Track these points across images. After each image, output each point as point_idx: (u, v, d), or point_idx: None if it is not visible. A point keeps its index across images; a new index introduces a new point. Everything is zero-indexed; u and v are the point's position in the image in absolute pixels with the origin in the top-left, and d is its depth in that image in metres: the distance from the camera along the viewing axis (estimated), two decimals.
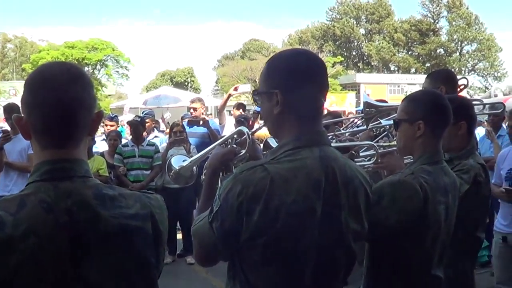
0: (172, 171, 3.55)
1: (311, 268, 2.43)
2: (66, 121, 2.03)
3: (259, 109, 2.76)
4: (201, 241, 2.52)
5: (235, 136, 3.40)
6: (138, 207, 2.08)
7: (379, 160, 4.17)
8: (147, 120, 11.91)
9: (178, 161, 3.59)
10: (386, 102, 6.02)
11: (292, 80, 2.50)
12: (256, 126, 11.45)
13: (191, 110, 11.18)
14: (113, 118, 12.03)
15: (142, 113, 13.20)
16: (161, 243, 2.20)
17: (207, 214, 2.48)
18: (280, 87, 2.50)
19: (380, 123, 4.92)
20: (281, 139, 2.58)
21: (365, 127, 5.11)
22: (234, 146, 3.28)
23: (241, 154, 3.18)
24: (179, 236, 10.28)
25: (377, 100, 5.44)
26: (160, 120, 17.09)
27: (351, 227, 2.54)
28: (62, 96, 2.01)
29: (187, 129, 10.44)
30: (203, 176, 3.25)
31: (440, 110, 3.46)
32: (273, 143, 3.27)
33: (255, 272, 2.40)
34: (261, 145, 3.65)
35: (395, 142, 3.98)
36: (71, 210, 1.96)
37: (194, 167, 3.58)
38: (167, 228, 2.24)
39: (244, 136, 3.28)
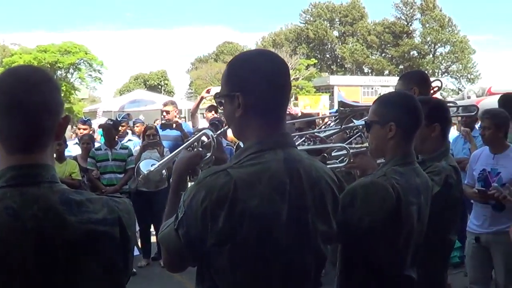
0: (141, 176, 3.52)
1: (280, 272, 2.41)
2: (31, 126, 2.00)
3: None
4: (168, 248, 2.50)
5: (201, 139, 3.35)
6: (105, 212, 2.06)
7: (351, 160, 4.18)
8: (122, 124, 11.86)
9: (146, 165, 3.56)
10: None
11: (253, 82, 2.46)
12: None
13: (164, 113, 11.15)
14: (86, 122, 11.98)
15: (119, 117, 13.13)
16: (129, 248, 2.17)
17: (172, 221, 2.45)
18: (241, 89, 2.46)
19: (354, 123, 4.93)
20: (245, 142, 2.55)
21: (338, 128, 5.12)
22: (200, 149, 3.25)
23: (207, 157, 3.14)
24: (153, 239, 10.23)
25: (352, 101, 5.46)
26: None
27: (319, 228, 2.52)
28: (26, 100, 1.98)
29: (160, 132, 10.40)
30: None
31: (412, 111, 3.47)
32: None
33: (223, 277, 2.38)
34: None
35: (367, 144, 3.98)
36: (37, 216, 1.93)
37: (164, 171, 3.55)
38: (135, 232, 2.22)
39: (209, 140, 3.25)
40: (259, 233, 2.32)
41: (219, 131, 4.65)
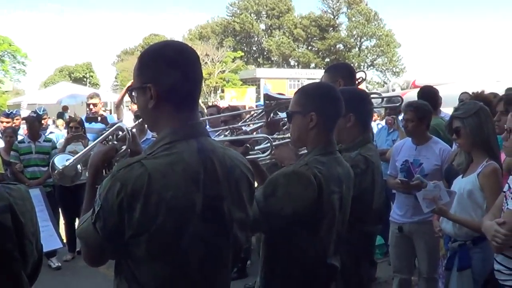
0: (56, 171, 3.45)
1: (197, 260, 2.45)
2: None
3: None
4: (87, 242, 2.50)
5: (116, 132, 3.31)
6: None
7: (273, 152, 4.20)
8: (43, 117, 11.66)
9: (61, 160, 3.50)
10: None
11: (163, 72, 2.48)
12: None
13: (91, 106, 11.01)
14: (9, 115, 11.73)
15: (40, 110, 12.88)
16: (24, 234, 2.14)
17: (90, 215, 2.45)
18: (152, 80, 2.49)
19: (280, 116, 4.96)
20: (158, 133, 2.56)
21: (263, 121, 5.14)
22: (115, 142, 3.21)
23: (122, 150, 3.12)
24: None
25: (278, 94, 5.48)
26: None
27: (235, 216, 2.57)
28: None
29: (86, 125, 10.25)
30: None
31: (332, 101, 3.53)
32: None
33: (141, 268, 2.40)
34: None
35: (289, 134, 4.01)
36: None
37: (79, 166, 3.51)
38: (33, 219, 2.17)
39: (124, 133, 3.21)
40: (175, 223, 2.35)
41: (134, 124, 4.62)
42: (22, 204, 2.11)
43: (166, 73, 2.48)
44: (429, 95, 7.73)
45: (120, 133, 3.29)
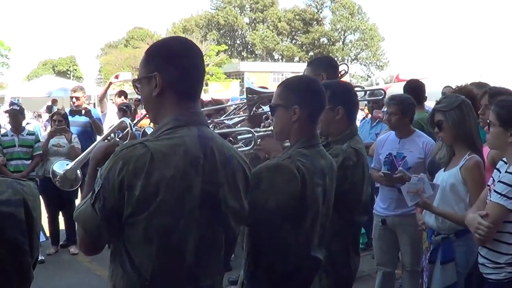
0: (58, 177, 3.57)
1: (192, 244, 2.49)
2: None
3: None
4: (85, 224, 2.51)
5: (117, 129, 3.47)
6: (10, 193, 2.06)
7: (257, 143, 4.21)
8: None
9: (61, 166, 3.59)
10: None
11: (169, 62, 2.58)
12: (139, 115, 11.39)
13: (74, 99, 10.97)
14: None
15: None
16: (34, 229, 2.17)
17: (89, 197, 2.48)
18: (158, 69, 2.57)
19: (263, 109, 4.96)
20: (161, 121, 2.62)
21: (246, 115, 5.14)
22: (117, 140, 3.30)
23: None
24: (62, 226, 10.06)
25: (260, 87, 5.47)
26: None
27: (230, 205, 2.62)
28: None
29: (70, 118, 10.20)
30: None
31: (315, 95, 3.54)
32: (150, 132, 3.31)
33: (137, 252, 2.43)
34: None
35: (272, 127, 4.02)
36: None
37: (78, 171, 3.57)
38: (40, 215, 2.21)
39: (127, 129, 3.32)
40: (173, 204, 2.41)
41: (135, 121, 4.69)
42: (33, 200, 2.16)
43: (172, 63, 2.58)
44: (415, 89, 7.75)
45: (121, 133, 3.42)
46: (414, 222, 5.70)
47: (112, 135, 3.47)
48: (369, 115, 10.66)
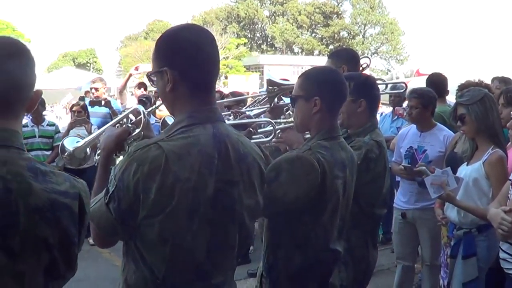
0: (66, 153, 3.48)
1: (204, 243, 2.45)
2: (7, 92, 2.06)
3: None
4: (99, 223, 2.49)
5: (131, 115, 3.36)
6: (67, 185, 2.11)
7: (279, 136, 4.19)
8: None
9: (71, 142, 3.53)
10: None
11: (179, 56, 2.50)
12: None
13: (93, 90, 10.98)
14: None
15: None
16: (83, 223, 2.19)
17: (103, 196, 2.46)
18: (168, 64, 2.50)
19: (284, 101, 4.94)
20: (176, 116, 2.57)
21: (267, 107, 5.13)
22: (129, 125, 3.25)
23: (135, 133, 3.16)
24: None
25: (280, 79, 5.44)
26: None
27: (245, 203, 2.57)
28: (6, 69, 2.05)
29: (89, 109, 10.21)
30: (96, 157, 3.30)
31: (336, 86, 3.50)
32: (171, 121, 3.25)
33: (151, 251, 2.41)
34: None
35: (292, 119, 4.00)
36: (5, 178, 1.96)
37: (88, 149, 3.52)
38: (90, 212, 2.25)
39: (140, 116, 3.26)
40: (189, 205, 2.36)
41: (150, 109, 4.64)
42: (86, 196, 2.18)
43: (181, 56, 2.49)
44: (437, 82, 7.70)
45: (133, 117, 3.34)
46: (434, 215, 5.68)
47: (124, 120, 3.38)
48: (390, 109, 10.60)
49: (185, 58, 2.49)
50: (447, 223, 5.31)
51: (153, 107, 4.93)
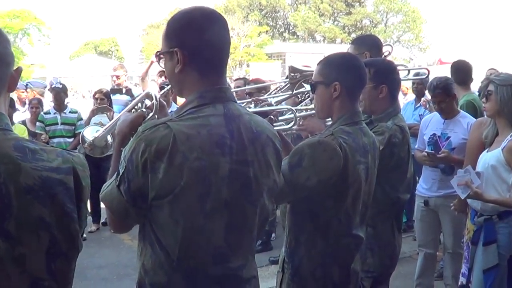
0: (86, 143, 3.51)
1: (222, 226, 2.45)
2: None
3: None
4: (111, 206, 2.50)
5: (144, 100, 3.36)
6: (60, 161, 2.09)
7: (300, 123, 4.19)
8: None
9: (91, 132, 3.55)
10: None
11: (189, 36, 2.48)
12: None
13: (114, 78, 11.03)
14: (26, 86, 11.81)
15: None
16: (82, 198, 2.18)
17: (114, 178, 2.47)
18: (178, 44, 2.49)
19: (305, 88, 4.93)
20: (186, 97, 2.56)
21: (289, 94, 5.12)
22: (144, 110, 3.26)
23: (149, 117, 3.16)
24: (103, 205, 10.15)
25: (303, 66, 5.43)
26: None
27: (261, 182, 2.57)
28: None
29: (111, 96, 10.24)
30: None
31: (355, 71, 3.48)
32: None
33: (166, 233, 2.41)
34: None
35: (313, 106, 3.99)
36: None
37: (109, 137, 3.53)
38: (89, 184, 2.23)
39: (152, 101, 3.26)
40: (199, 186, 2.35)
41: (162, 91, 4.64)
42: (82, 170, 2.17)
43: (192, 37, 2.47)
44: (462, 69, 7.75)
45: (148, 102, 3.32)
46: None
47: (139, 104, 3.37)
48: (412, 96, 10.56)
49: (196, 37, 2.47)
50: (470, 210, 5.29)
51: (165, 89, 4.89)
